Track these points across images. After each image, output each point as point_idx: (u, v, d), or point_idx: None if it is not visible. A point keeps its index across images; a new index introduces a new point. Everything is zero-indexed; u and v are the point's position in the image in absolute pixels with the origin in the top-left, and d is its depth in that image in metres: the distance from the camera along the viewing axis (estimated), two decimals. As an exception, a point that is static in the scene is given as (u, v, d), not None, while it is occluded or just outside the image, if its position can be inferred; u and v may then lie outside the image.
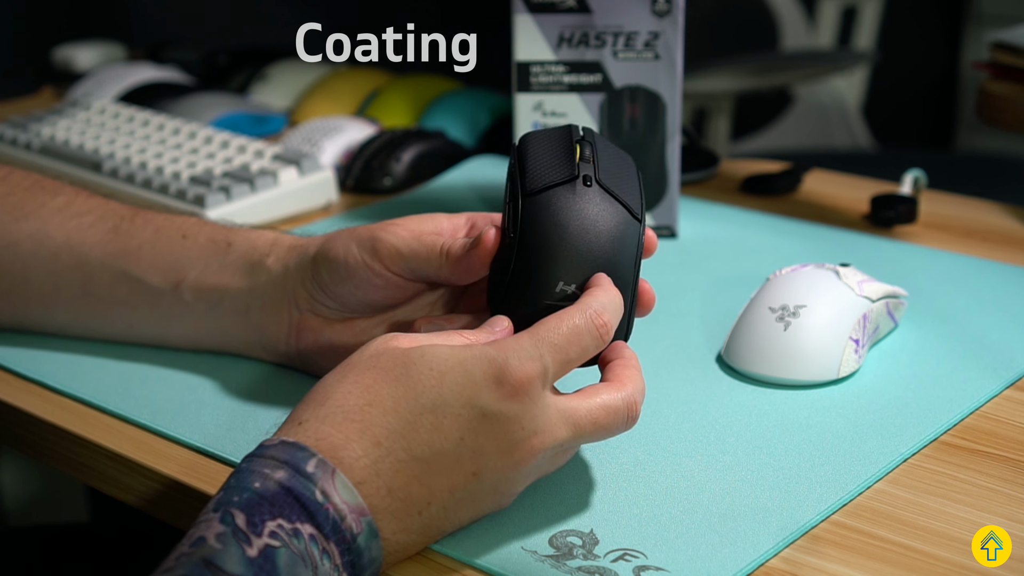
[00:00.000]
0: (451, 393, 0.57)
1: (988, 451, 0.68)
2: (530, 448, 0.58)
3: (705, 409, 0.72)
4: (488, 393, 0.57)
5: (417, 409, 0.57)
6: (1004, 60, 1.30)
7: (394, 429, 0.56)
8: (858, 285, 0.77)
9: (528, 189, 0.63)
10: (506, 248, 0.64)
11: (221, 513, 0.53)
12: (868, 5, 2.58)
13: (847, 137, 2.55)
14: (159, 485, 0.68)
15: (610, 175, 0.64)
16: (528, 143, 0.66)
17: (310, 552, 0.53)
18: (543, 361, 0.57)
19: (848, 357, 0.75)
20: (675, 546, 0.59)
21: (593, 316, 0.60)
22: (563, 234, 0.62)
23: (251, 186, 1.02)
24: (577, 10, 0.93)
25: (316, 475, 0.54)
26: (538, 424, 0.57)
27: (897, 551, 0.60)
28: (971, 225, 1.02)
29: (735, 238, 0.99)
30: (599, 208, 0.63)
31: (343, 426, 0.56)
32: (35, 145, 1.15)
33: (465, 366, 0.57)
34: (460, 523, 0.59)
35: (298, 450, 0.55)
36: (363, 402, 0.57)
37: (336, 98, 1.31)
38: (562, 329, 0.59)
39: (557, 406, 0.58)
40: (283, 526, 0.53)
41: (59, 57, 1.48)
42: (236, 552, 0.51)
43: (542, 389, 0.58)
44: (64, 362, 0.78)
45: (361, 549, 0.55)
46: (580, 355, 0.59)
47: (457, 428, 0.57)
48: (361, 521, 0.55)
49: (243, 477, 0.55)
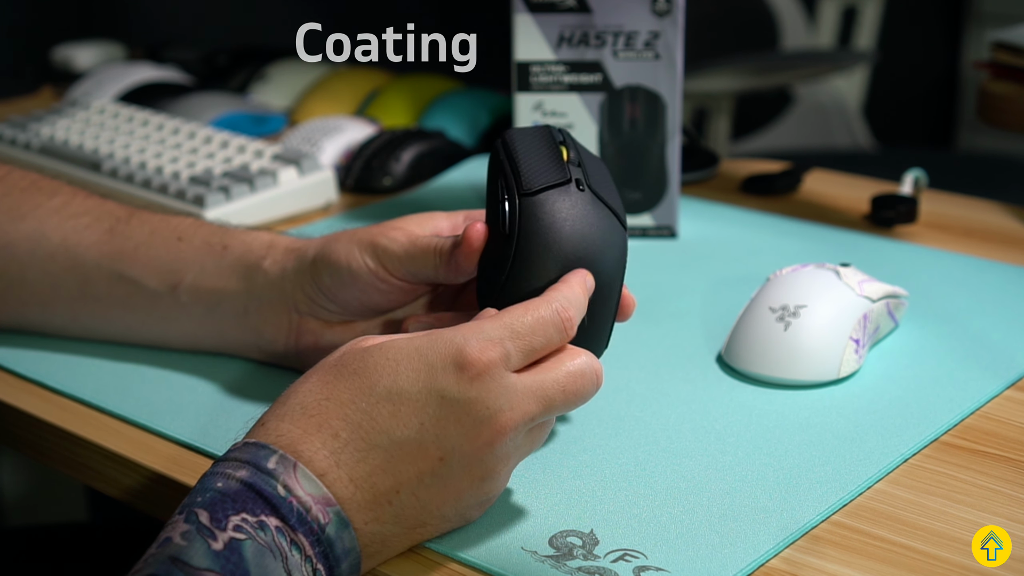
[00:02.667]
0: (407, 380, 0.57)
1: (988, 451, 0.68)
2: (499, 427, 0.57)
3: (705, 409, 0.72)
4: (446, 377, 0.57)
5: (373, 399, 0.57)
6: (1004, 60, 1.30)
7: (351, 420, 0.57)
8: (858, 285, 0.77)
9: (525, 188, 0.63)
10: (499, 246, 0.64)
11: (185, 514, 0.53)
12: (868, 5, 2.58)
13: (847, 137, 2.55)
14: (158, 485, 0.68)
15: (597, 181, 0.65)
16: (514, 141, 0.65)
17: (278, 543, 0.53)
18: (504, 346, 0.57)
19: (848, 357, 0.75)
20: (675, 546, 0.59)
21: (559, 309, 0.60)
22: (561, 236, 0.62)
23: (251, 186, 1.02)
24: (577, 10, 0.93)
25: (277, 471, 0.55)
26: (502, 403, 0.57)
27: (897, 551, 0.60)
28: (971, 225, 1.02)
29: (735, 238, 0.99)
30: (593, 213, 0.63)
31: (301, 421, 0.57)
32: (35, 145, 1.15)
33: (420, 352, 0.57)
34: (443, 513, 0.59)
35: (259, 449, 0.56)
36: (321, 397, 0.57)
37: (336, 98, 1.31)
38: (527, 318, 0.59)
39: (523, 382, 0.58)
40: (247, 519, 0.53)
41: (59, 57, 1.48)
42: (201, 547, 0.51)
43: (504, 371, 0.57)
44: (64, 362, 0.78)
45: (332, 539, 0.55)
46: (544, 345, 0.59)
47: (416, 414, 0.57)
48: (328, 511, 0.55)
49: (206, 480, 0.55)
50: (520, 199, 0.63)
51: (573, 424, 0.70)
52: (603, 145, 0.96)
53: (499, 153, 0.65)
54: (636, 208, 0.98)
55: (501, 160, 0.65)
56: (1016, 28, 1.30)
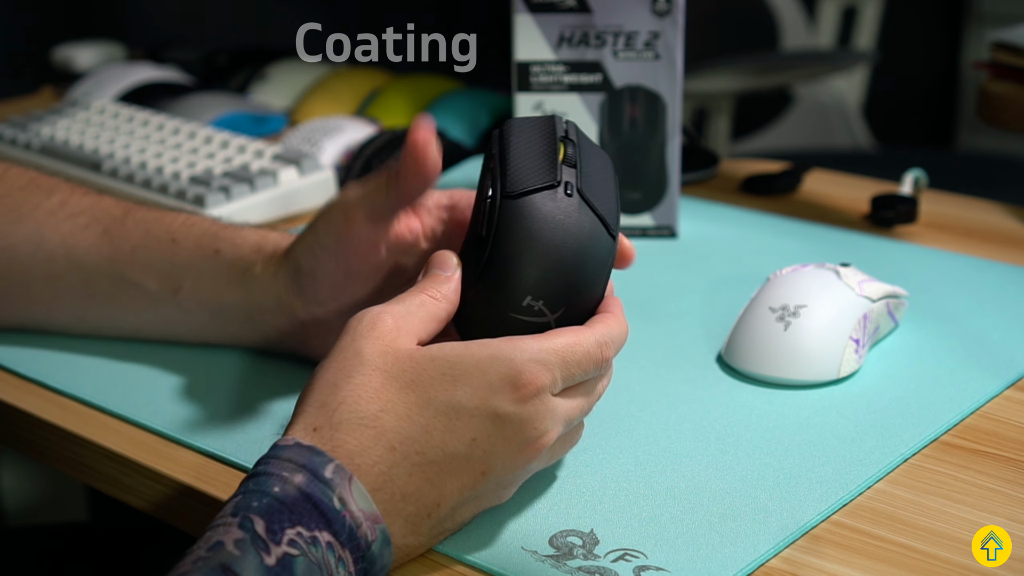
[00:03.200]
0: (465, 396, 0.57)
1: (988, 451, 0.68)
2: (540, 447, 0.58)
3: (705, 409, 0.72)
4: (503, 395, 0.57)
5: (430, 413, 0.57)
6: (1004, 60, 1.30)
7: (407, 434, 0.56)
8: (858, 285, 0.77)
9: (508, 190, 0.60)
10: (477, 246, 0.61)
11: (240, 518, 0.52)
12: (868, 5, 2.58)
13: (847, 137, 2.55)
14: (159, 485, 0.68)
15: (591, 183, 0.62)
16: (511, 134, 0.63)
17: (326, 560, 0.53)
18: (554, 373, 0.58)
19: (848, 357, 0.75)
20: (675, 546, 0.59)
21: (603, 346, 0.60)
22: (537, 247, 0.59)
23: (251, 186, 1.02)
24: (577, 10, 0.93)
25: (334, 481, 0.54)
26: (548, 424, 0.58)
27: (897, 551, 0.60)
28: (971, 225, 1.02)
29: (735, 238, 0.99)
30: (576, 221, 0.60)
31: (357, 432, 0.56)
32: (35, 145, 1.15)
33: (480, 368, 0.57)
34: (463, 521, 0.60)
35: (315, 454, 0.55)
36: (376, 408, 0.57)
37: (336, 98, 1.31)
38: (576, 352, 0.59)
39: (562, 406, 0.59)
40: (302, 534, 0.52)
41: (59, 57, 1.48)
42: (254, 560, 0.51)
43: (550, 395, 0.58)
44: (64, 362, 0.78)
45: (375, 556, 0.55)
46: (582, 378, 0.60)
47: (470, 430, 0.57)
48: (376, 529, 0.55)
49: (262, 481, 0.54)
50: (501, 201, 0.60)
51: (573, 424, 0.71)
52: (603, 145, 0.96)
53: (493, 145, 0.63)
54: (636, 208, 0.98)
55: (493, 154, 0.62)
56: (1016, 28, 1.30)
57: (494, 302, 0.60)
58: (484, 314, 0.61)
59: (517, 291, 0.60)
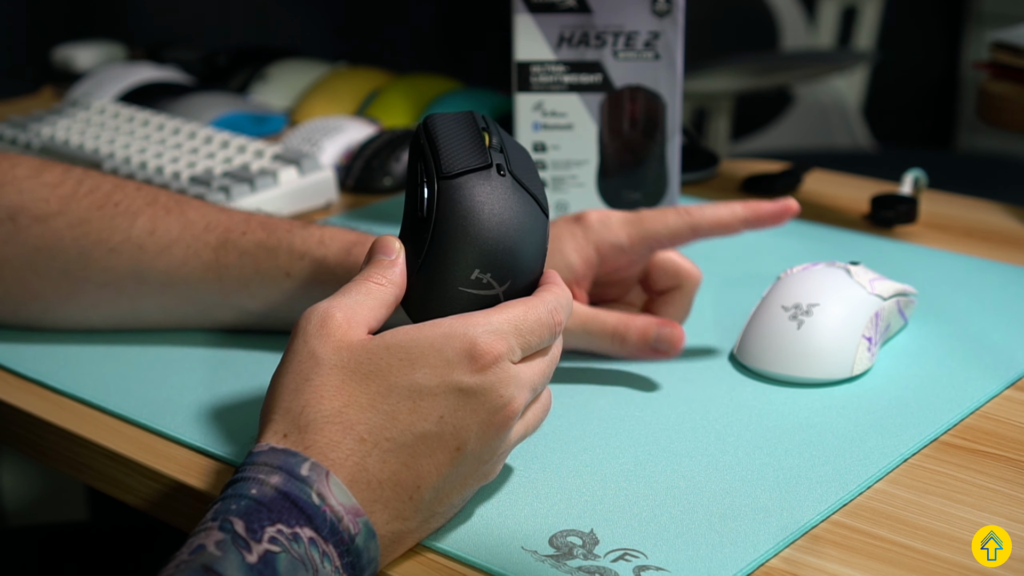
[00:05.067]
0: (424, 376, 0.57)
1: (988, 451, 0.68)
2: (509, 414, 0.58)
3: (706, 409, 0.72)
4: (461, 369, 0.57)
5: (393, 399, 0.57)
6: (1004, 60, 1.30)
7: (374, 423, 0.57)
8: (870, 283, 0.77)
9: (444, 171, 0.62)
10: (416, 230, 0.62)
11: (220, 521, 0.53)
12: (868, 5, 2.58)
13: (847, 137, 2.55)
14: (159, 485, 0.68)
15: (519, 167, 0.64)
16: (435, 125, 0.65)
17: (310, 556, 0.53)
18: (509, 342, 0.58)
19: (861, 355, 0.75)
20: (675, 546, 0.59)
21: (554, 312, 0.61)
22: (479, 221, 0.61)
23: (251, 186, 1.02)
24: (577, 10, 0.93)
25: (311, 478, 0.55)
26: (513, 391, 0.58)
27: (897, 551, 0.60)
28: (971, 225, 1.02)
29: (736, 238, 0.99)
30: (513, 199, 0.62)
31: (325, 429, 0.57)
32: (35, 145, 1.15)
33: (435, 346, 0.57)
34: (451, 503, 0.60)
35: (289, 455, 0.55)
36: (339, 404, 0.57)
37: (336, 98, 1.31)
38: (529, 319, 0.60)
39: (523, 372, 0.60)
40: (282, 531, 0.53)
41: (59, 57, 1.48)
42: (236, 558, 0.51)
43: (508, 363, 0.59)
44: (64, 361, 0.78)
45: (360, 550, 0.55)
46: (537, 346, 0.60)
47: (436, 408, 0.57)
48: (358, 522, 0.55)
49: (239, 486, 0.55)
50: (439, 182, 0.62)
51: (573, 424, 0.70)
52: (603, 145, 0.96)
53: (420, 137, 0.64)
54: (636, 208, 0.98)
55: (422, 144, 0.64)
56: (1016, 28, 1.30)
57: (443, 279, 0.61)
58: (434, 293, 0.62)
59: (465, 265, 0.61)
